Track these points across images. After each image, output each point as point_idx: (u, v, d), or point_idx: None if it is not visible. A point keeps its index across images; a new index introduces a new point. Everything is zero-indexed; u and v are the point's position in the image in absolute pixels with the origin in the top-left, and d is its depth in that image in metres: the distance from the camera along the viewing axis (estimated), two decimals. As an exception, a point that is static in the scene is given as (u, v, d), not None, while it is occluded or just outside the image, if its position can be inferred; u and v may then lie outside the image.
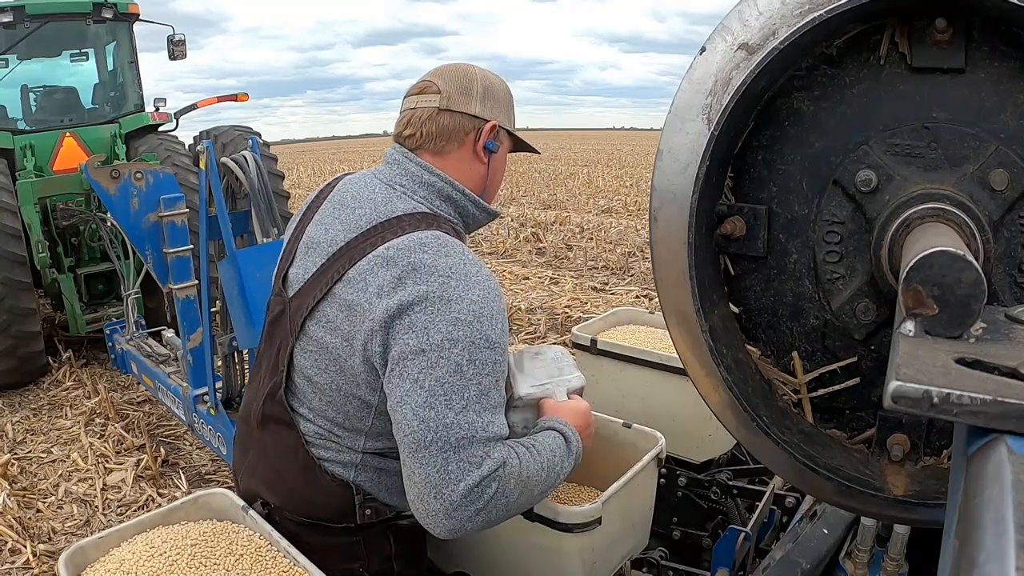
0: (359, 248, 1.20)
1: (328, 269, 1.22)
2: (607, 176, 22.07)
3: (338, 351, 1.19)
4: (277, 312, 1.35)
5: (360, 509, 1.31)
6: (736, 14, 0.84)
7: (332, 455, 1.31)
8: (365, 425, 1.25)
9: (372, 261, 1.16)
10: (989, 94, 0.77)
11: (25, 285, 4.81)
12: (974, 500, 0.43)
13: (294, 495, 1.36)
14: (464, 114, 1.29)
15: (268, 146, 6.18)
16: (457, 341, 1.10)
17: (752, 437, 0.88)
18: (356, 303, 1.16)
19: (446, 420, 1.09)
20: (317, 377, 1.25)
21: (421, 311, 1.11)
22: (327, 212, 1.32)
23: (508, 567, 1.61)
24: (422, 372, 1.09)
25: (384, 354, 1.13)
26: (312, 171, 28.11)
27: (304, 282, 1.27)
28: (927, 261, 0.58)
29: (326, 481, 1.31)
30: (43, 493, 3.81)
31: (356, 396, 1.22)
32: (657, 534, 1.97)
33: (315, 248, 1.29)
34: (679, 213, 0.84)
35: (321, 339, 1.22)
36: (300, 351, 1.26)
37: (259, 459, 1.43)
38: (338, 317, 1.19)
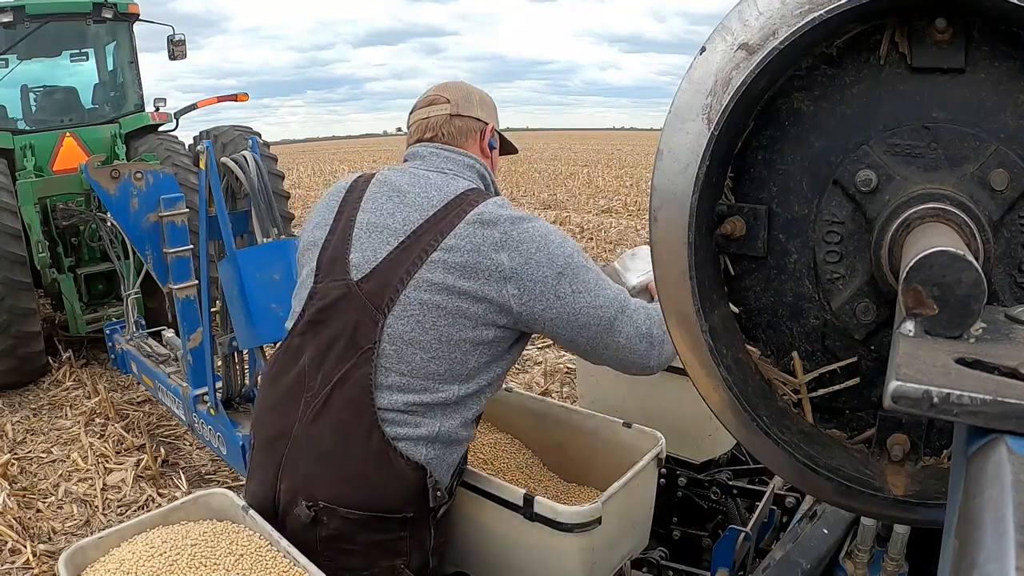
0: (445, 221, 1.38)
1: (414, 245, 1.38)
2: (607, 176, 22.07)
3: (458, 305, 1.35)
4: (337, 296, 1.41)
5: (432, 491, 1.40)
6: (736, 14, 0.84)
7: (409, 431, 1.37)
8: (467, 367, 1.39)
9: (469, 226, 1.36)
10: (989, 94, 0.77)
11: (25, 285, 4.81)
12: (974, 500, 0.43)
13: (359, 485, 1.37)
14: (471, 117, 1.56)
15: (268, 146, 6.18)
16: (571, 255, 1.40)
17: (752, 437, 0.88)
18: (472, 263, 1.35)
19: (611, 296, 1.41)
20: (422, 336, 1.36)
21: (537, 250, 1.37)
22: (380, 202, 1.46)
23: (508, 567, 1.61)
24: (573, 283, 1.38)
25: (523, 294, 1.36)
26: (312, 171, 28.11)
27: (379, 261, 1.39)
28: (927, 261, 0.58)
29: (399, 464, 1.36)
30: (43, 493, 3.81)
31: (468, 339, 1.37)
32: (657, 534, 1.98)
33: (382, 232, 1.42)
34: (679, 213, 0.84)
35: (428, 301, 1.35)
36: (396, 320, 1.36)
37: (307, 454, 1.40)
38: (448, 279, 1.35)
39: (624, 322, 1.41)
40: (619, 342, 1.41)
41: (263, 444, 1.51)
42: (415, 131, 1.57)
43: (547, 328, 1.40)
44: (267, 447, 1.49)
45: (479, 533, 1.63)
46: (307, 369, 1.43)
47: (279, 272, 2.69)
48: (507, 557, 1.60)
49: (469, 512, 1.62)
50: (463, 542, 1.68)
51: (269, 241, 2.81)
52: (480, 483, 1.58)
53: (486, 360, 1.41)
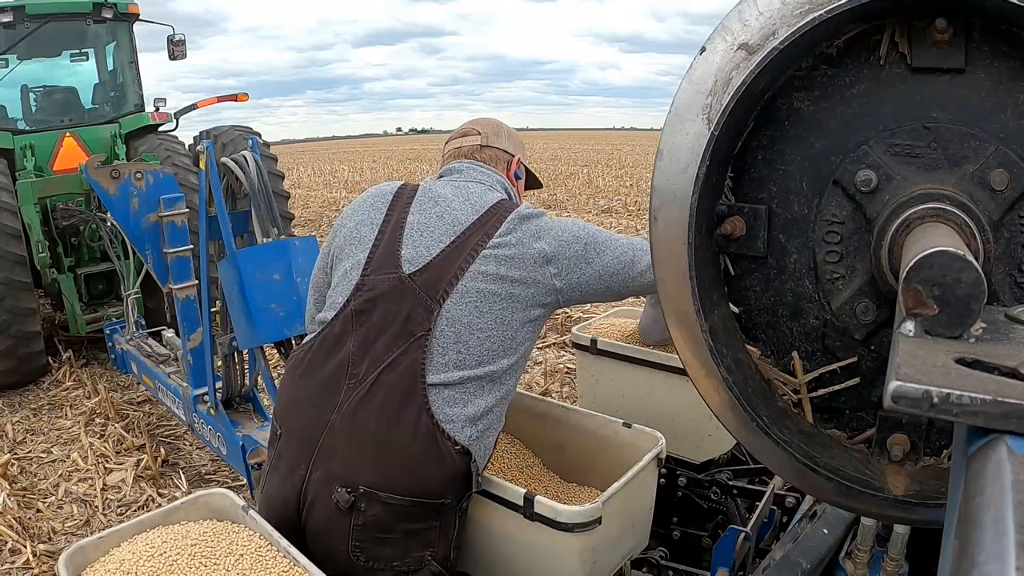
0: (490, 223, 1.58)
1: (466, 242, 1.56)
2: (607, 176, 22.06)
3: (507, 290, 1.53)
4: (387, 287, 1.53)
5: (476, 476, 1.49)
6: (736, 14, 0.84)
7: (458, 411, 1.46)
8: (516, 341, 1.56)
9: (511, 224, 1.58)
10: (989, 94, 0.77)
11: (25, 285, 4.81)
12: (974, 500, 0.43)
13: (403, 468, 1.42)
14: (499, 148, 1.79)
15: (268, 146, 6.18)
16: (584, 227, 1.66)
17: (752, 437, 0.88)
18: (519, 255, 1.55)
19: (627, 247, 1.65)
20: (479, 319, 1.51)
21: (562, 232, 1.61)
22: (427, 207, 1.63)
23: (508, 567, 1.61)
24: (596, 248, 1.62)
25: (561, 271, 1.58)
26: (312, 171, 28.10)
27: (432, 257, 1.55)
28: (927, 261, 0.58)
29: (446, 448, 1.43)
30: (43, 493, 3.81)
31: (518, 319, 1.55)
32: (657, 534, 1.98)
33: (433, 231, 1.58)
34: (679, 213, 0.84)
35: (483, 289, 1.51)
36: (453, 306, 1.50)
37: (348, 440, 1.43)
38: (500, 269, 1.53)
39: (639, 255, 1.64)
40: (642, 271, 1.63)
41: (295, 434, 1.50)
42: (449, 156, 1.82)
43: (586, 290, 1.62)
44: (299, 438, 1.49)
45: (479, 533, 1.63)
46: (351, 357, 1.49)
47: (279, 272, 2.69)
48: (507, 557, 1.60)
49: (470, 512, 1.62)
50: (463, 542, 1.68)
51: (269, 241, 2.81)
52: (480, 483, 1.58)
53: (528, 334, 1.60)
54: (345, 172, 26.83)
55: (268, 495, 1.55)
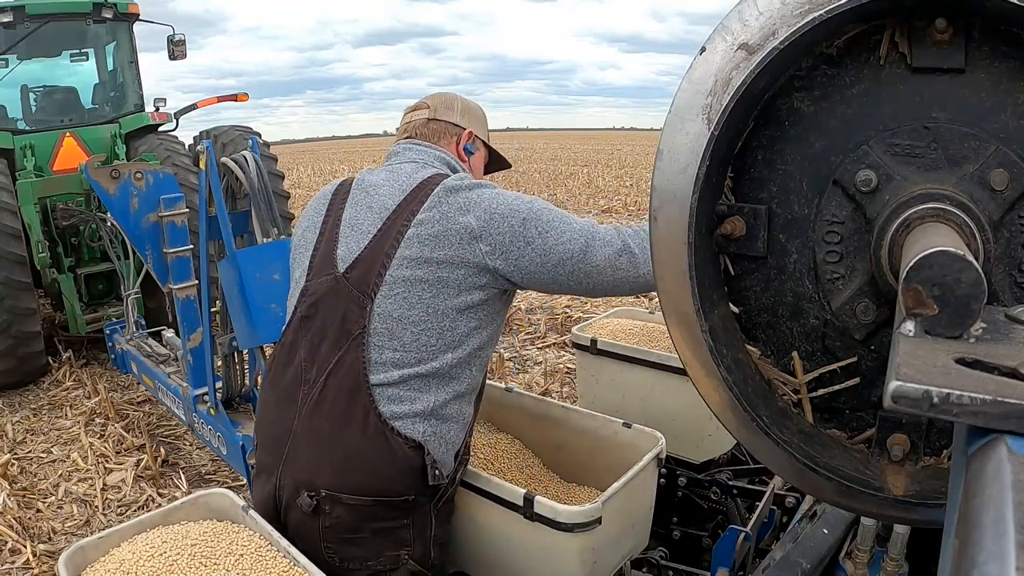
0: (415, 201, 1.46)
1: (390, 227, 1.46)
2: (607, 176, 22.06)
3: (437, 275, 1.42)
4: (326, 289, 1.49)
5: (431, 469, 1.43)
6: (736, 14, 0.84)
7: (405, 408, 1.41)
8: (457, 333, 1.45)
9: (435, 198, 1.44)
10: (989, 94, 0.77)
11: (25, 285, 4.81)
12: (974, 500, 0.43)
13: (359, 469, 1.41)
14: (447, 122, 1.68)
15: (268, 146, 6.18)
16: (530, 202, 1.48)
17: (752, 437, 0.88)
18: (443, 232, 1.42)
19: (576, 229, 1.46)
20: (409, 312, 1.42)
21: (499, 206, 1.44)
22: (359, 198, 1.55)
23: (508, 567, 1.61)
24: (538, 226, 1.44)
25: (494, 249, 1.42)
26: (312, 171, 28.11)
27: (361, 250, 1.47)
28: (927, 261, 0.58)
29: (398, 443, 1.40)
30: (43, 493, 3.81)
31: (454, 307, 1.43)
32: (657, 534, 1.98)
33: (361, 225, 1.50)
34: (679, 213, 0.84)
35: (409, 276, 1.42)
36: (383, 300, 1.43)
37: (308, 445, 1.45)
38: (423, 251, 1.42)
39: (596, 246, 1.45)
40: (598, 265, 1.45)
41: (266, 443, 1.55)
42: (399, 134, 1.72)
43: (527, 275, 1.44)
44: (270, 445, 1.52)
45: (479, 533, 1.63)
46: (303, 364, 1.48)
47: (279, 272, 2.69)
48: (507, 557, 1.60)
49: (469, 512, 1.62)
50: (463, 542, 1.68)
51: (269, 241, 2.81)
52: (480, 483, 1.58)
53: (474, 324, 1.47)
54: (345, 172, 26.82)
55: (255, 502, 1.58)
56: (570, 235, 1.45)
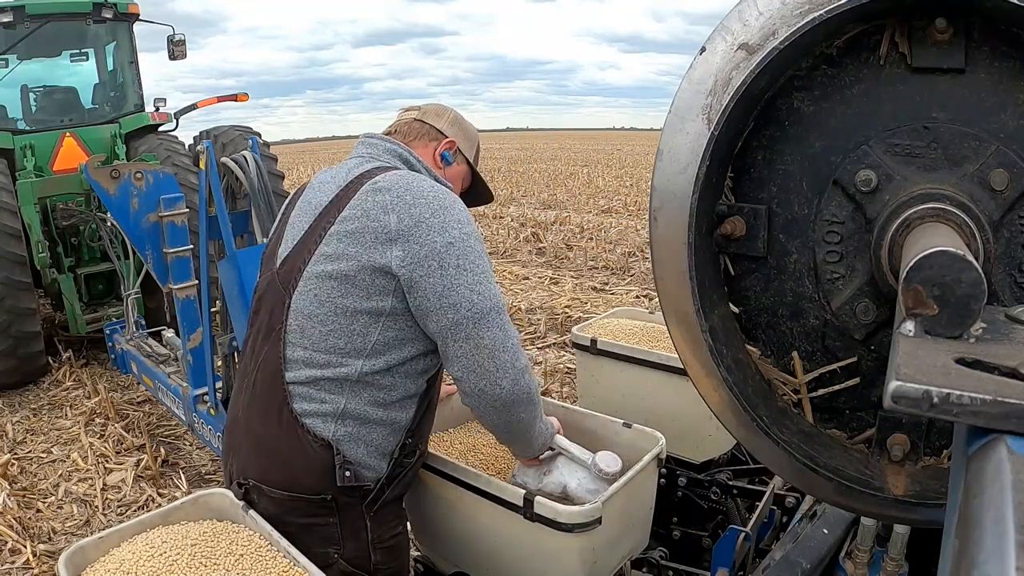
0: (345, 198, 1.39)
1: (318, 224, 1.40)
2: (607, 176, 22.07)
3: (345, 272, 1.35)
4: (264, 286, 1.51)
5: (340, 470, 1.39)
6: (736, 14, 0.84)
7: (315, 407, 1.40)
8: (368, 342, 1.37)
9: (363, 195, 1.36)
10: (989, 94, 0.77)
11: (25, 285, 4.81)
12: (974, 500, 0.43)
13: (275, 462, 1.43)
14: (432, 126, 1.61)
15: (268, 146, 6.18)
16: (469, 235, 1.35)
17: (752, 437, 0.88)
18: (360, 229, 1.34)
19: (492, 291, 1.35)
20: (318, 309, 1.38)
21: (431, 216, 1.33)
22: (307, 196, 1.52)
23: (508, 567, 1.61)
24: (460, 259, 1.32)
25: (406, 257, 1.31)
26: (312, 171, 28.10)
27: (292, 247, 1.45)
28: (927, 261, 0.58)
29: (307, 440, 1.39)
30: (43, 493, 3.81)
31: (364, 311, 1.36)
32: (657, 534, 1.97)
33: (299, 220, 1.47)
34: (679, 213, 0.84)
35: (322, 272, 1.37)
36: (298, 296, 1.40)
37: (244, 434, 1.50)
38: (339, 247, 1.35)
39: (496, 322, 1.33)
40: (481, 339, 1.32)
41: (225, 429, 1.63)
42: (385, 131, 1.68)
43: (419, 298, 1.33)
44: (226, 431, 1.61)
45: (479, 533, 1.63)
46: (247, 356, 1.55)
47: (279, 272, 2.69)
48: (507, 557, 1.60)
49: (469, 512, 1.62)
50: (463, 542, 1.68)
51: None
52: (480, 483, 1.58)
53: (392, 336, 1.38)
54: (345, 172, 26.83)
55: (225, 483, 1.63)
56: (484, 290, 1.33)
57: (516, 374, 1.36)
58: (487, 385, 1.35)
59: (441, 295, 1.31)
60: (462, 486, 1.60)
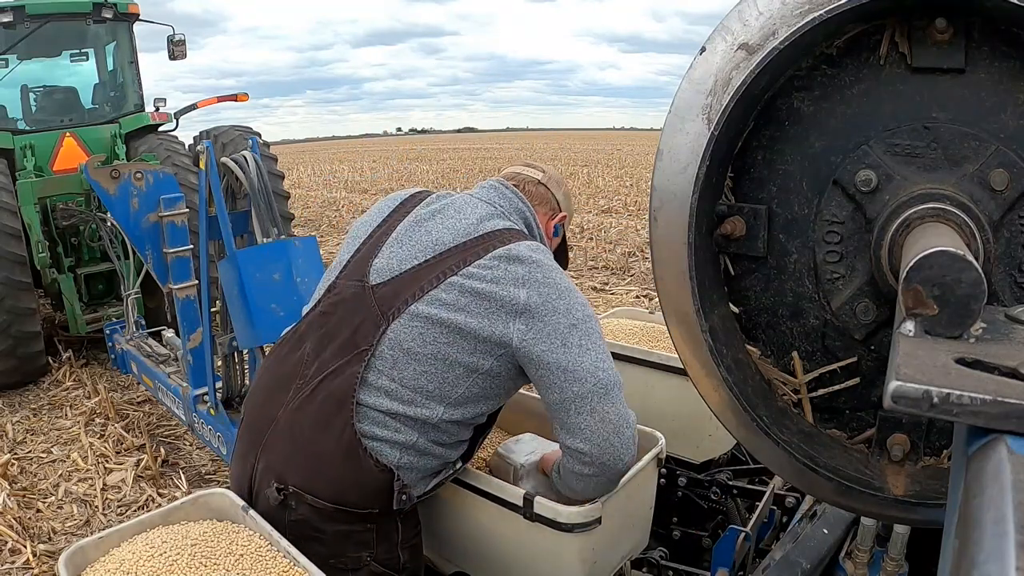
0: (472, 250, 1.42)
1: (438, 264, 1.42)
2: (607, 176, 22.07)
3: (460, 325, 1.37)
4: (350, 294, 1.48)
5: (398, 495, 1.42)
6: (736, 14, 0.84)
7: (386, 434, 1.40)
8: (455, 392, 1.41)
9: (496, 260, 1.40)
10: (989, 94, 0.77)
11: (25, 285, 4.81)
12: (974, 500, 0.43)
13: (324, 476, 1.40)
14: (553, 195, 1.67)
15: (268, 146, 6.18)
16: (589, 317, 1.41)
17: (752, 437, 0.88)
18: (488, 292, 1.37)
19: (613, 370, 1.39)
20: (420, 348, 1.39)
21: (558, 298, 1.38)
22: (422, 217, 1.52)
23: (508, 567, 1.61)
24: (583, 339, 1.37)
25: (527, 332, 1.36)
26: (312, 171, 28.10)
27: (400, 272, 1.45)
28: (927, 261, 0.58)
29: (368, 464, 1.39)
30: (43, 493, 3.81)
31: (462, 364, 1.39)
32: (657, 534, 1.97)
33: (412, 246, 1.47)
34: (679, 213, 0.84)
35: (435, 316, 1.38)
36: (399, 327, 1.40)
37: (287, 437, 1.45)
38: (460, 300, 1.38)
39: (619, 398, 1.39)
40: (607, 414, 1.36)
41: (249, 423, 1.56)
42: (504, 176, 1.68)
43: (540, 371, 1.37)
44: (252, 426, 1.54)
45: (479, 533, 1.63)
46: (306, 358, 1.48)
47: (279, 272, 2.69)
48: (507, 557, 1.60)
49: (469, 512, 1.62)
50: (463, 542, 1.68)
51: (269, 241, 2.81)
52: (480, 483, 1.58)
53: (477, 392, 1.42)
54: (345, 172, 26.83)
55: (232, 476, 1.59)
56: (608, 367, 1.38)
57: (633, 447, 1.42)
58: (610, 459, 1.38)
59: (566, 369, 1.36)
60: (462, 486, 1.60)
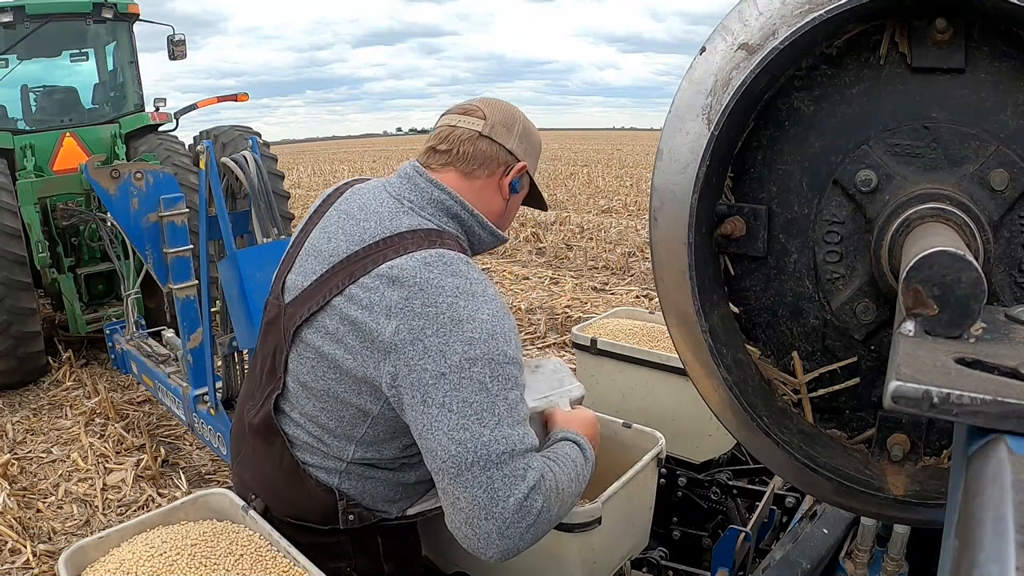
0: (360, 264, 1.19)
1: (328, 281, 1.22)
2: (607, 176, 22.07)
3: (339, 361, 1.18)
4: (273, 315, 1.36)
5: (343, 515, 1.31)
6: (736, 14, 0.84)
7: (318, 460, 1.32)
8: (358, 433, 1.24)
9: (376, 279, 1.15)
10: (989, 94, 0.77)
11: (25, 285, 4.81)
12: (974, 500, 0.43)
13: (280, 497, 1.38)
14: (502, 146, 1.32)
15: (268, 146, 6.18)
16: (476, 360, 1.08)
17: (752, 437, 0.88)
18: (361, 321, 1.15)
19: (483, 438, 1.07)
20: (313, 383, 1.24)
21: (433, 334, 1.09)
22: (332, 220, 1.32)
23: (508, 567, 1.61)
24: (447, 395, 1.07)
25: (396, 378, 1.12)
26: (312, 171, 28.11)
27: (302, 290, 1.27)
28: (927, 261, 0.58)
29: (311, 485, 1.32)
30: (43, 493, 3.81)
31: (353, 404, 1.21)
32: (657, 534, 1.97)
33: (316, 256, 1.29)
34: (679, 213, 0.84)
35: (319, 348, 1.21)
36: (296, 357, 1.26)
37: (250, 458, 1.45)
38: (340, 330, 1.18)
39: (478, 481, 1.06)
40: (459, 502, 1.09)
41: (232, 436, 1.55)
42: (434, 136, 1.35)
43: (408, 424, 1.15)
44: (234, 436, 1.53)
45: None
46: (256, 375, 1.43)
47: (279, 272, 2.69)
48: (507, 557, 1.60)
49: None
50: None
51: (269, 241, 2.81)
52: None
53: (383, 433, 1.23)
54: (345, 172, 26.83)
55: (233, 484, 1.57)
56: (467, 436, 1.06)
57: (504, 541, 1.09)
58: (471, 546, 1.12)
59: (421, 435, 1.11)
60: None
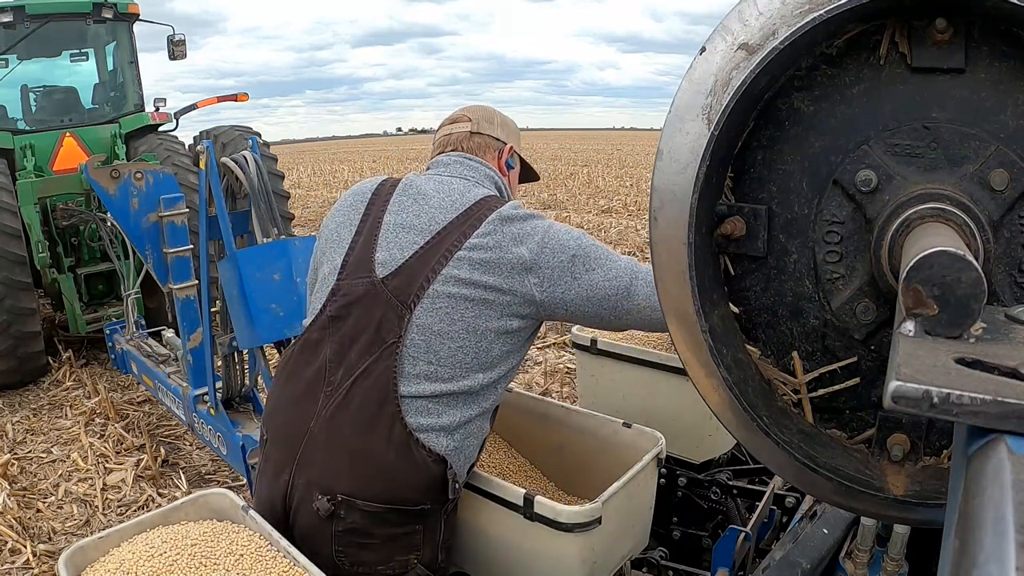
0: (469, 222, 1.48)
1: (439, 244, 1.47)
2: (607, 176, 22.07)
3: (481, 296, 1.44)
4: (361, 292, 1.48)
5: (452, 483, 1.45)
6: (736, 14, 0.84)
7: (432, 421, 1.42)
8: (492, 356, 1.47)
9: (491, 225, 1.46)
10: (989, 94, 0.77)
11: (25, 285, 4.81)
12: (974, 500, 0.43)
13: (378, 476, 1.41)
14: (489, 135, 1.69)
15: (268, 146, 6.19)
16: (578, 238, 1.50)
17: (752, 437, 0.88)
18: (496, 260, 1.44)
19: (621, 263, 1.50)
20: (449, 327, 1.43)
21: (552, 240, 1.47)
22: (406, 205, 1.55)
23: (508, 567, 1.61)
24: (586, 263, 1.47)
25: (543, 281, 1.45)
26: (312, 171, 28.11)
27: (406, 259, 1.47)
28: (927, 261, 0.58)
29: (421, 455, 1.40)
30: (43, 493, 3.81)
31: (492, 329, 1.45)
32: (657, 534, 1.98)
33: (408, 231, 1.50)
34: (679, 213, 0.84)
35: (455, 294, 1.43)
36: (423, 312, 1.43)
37: (327, 447, 1.43)
38: (474, 274, 1.44)
39: (639, 285, 1.48)
40: (639, 304, 1.48)
41: (278, 440, 1.52)
42: (438, 145, 1.71)
43: (571, 309, 1.48)
44: (282, 443, 1.50)
45: (479, 533, 1.63)
46: (328, 364, 1.46)
47: (279, 272, 2.69)
48: (507, 557, 1.60)
49: (469, 512, 1.62)
50: (463, 542, 1.68)
51: (269, 241, 2.81)
52: (480, 483, 1.58)
53: (507, 349, 1.49)
54: (345, 172, 26.84)
55: (258, 498, 1.57)
56: (615, 273, 1.48)
57: None
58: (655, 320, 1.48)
59: (588, 298, 1.47)
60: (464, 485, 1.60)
